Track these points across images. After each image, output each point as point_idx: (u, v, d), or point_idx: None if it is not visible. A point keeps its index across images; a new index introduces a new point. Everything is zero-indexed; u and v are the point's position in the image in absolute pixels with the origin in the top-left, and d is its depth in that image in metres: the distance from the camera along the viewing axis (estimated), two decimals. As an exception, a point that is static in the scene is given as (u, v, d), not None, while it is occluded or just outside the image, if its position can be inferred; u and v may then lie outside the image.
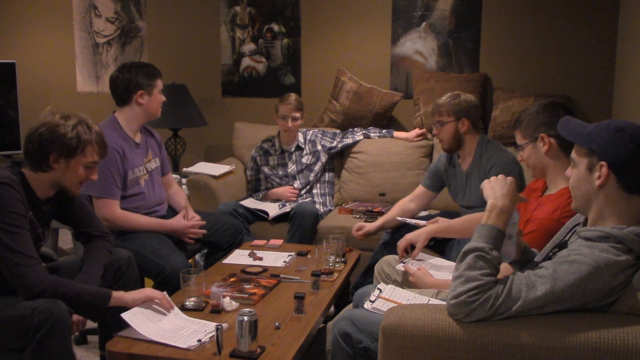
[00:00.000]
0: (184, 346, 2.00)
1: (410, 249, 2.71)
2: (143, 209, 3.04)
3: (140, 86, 2.99)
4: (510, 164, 2.91)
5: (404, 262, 2.61)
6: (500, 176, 1.77)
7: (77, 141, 2.19)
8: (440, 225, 2.85)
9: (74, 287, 2.11)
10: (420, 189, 3.31)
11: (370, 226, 3.19)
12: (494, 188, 1.74)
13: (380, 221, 3.23)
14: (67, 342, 2.00)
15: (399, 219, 3.13)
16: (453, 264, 2.61)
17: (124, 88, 2.99)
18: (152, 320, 2.13)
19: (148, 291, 2.23)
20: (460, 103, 3.03)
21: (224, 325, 2.08)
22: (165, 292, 2.25)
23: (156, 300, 2.20)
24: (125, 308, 2.15)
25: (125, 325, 2.09)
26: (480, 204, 3.03)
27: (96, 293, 2.15)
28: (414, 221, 3.05)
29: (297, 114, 3.95)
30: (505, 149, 3.06)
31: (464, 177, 3.09)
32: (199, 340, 2.03)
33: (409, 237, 2.70)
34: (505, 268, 1.79)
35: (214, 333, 2.05)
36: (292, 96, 3.99)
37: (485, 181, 1.79)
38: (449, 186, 3.24)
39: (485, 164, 2.97)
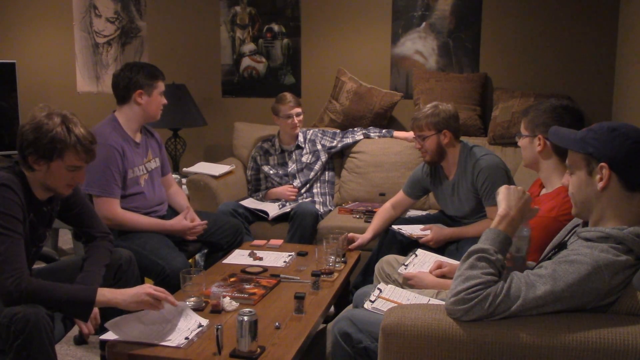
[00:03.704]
0: (174, 344, 2.01)
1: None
2: (143, 209, 3.04)
3: (140, 85, 2.99)
4: (497, 167, 2.93)
5: (406, 266, 2.60)
6: (520, 188, 1.79)
7: (52, 145, 2.09)
8: (454, 230, 3.00)
9: (56, 291, 2.06)
10: (400, 195, 3.32)
11: (363, 239, 3.18)
12: (510, 196, 1.76)
13: (370, 233, 3.22)
14: (46, 349, 1.95)
15: (395, 227, 3.12)
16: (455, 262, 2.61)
17: (124, 86, 3.00)
18: (138, 318, 2.09)
19: (148, 289, 2.12)
20: (440, 114, 3.00)
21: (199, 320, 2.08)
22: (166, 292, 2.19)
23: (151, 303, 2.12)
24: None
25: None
26: (470, 214, 3.05)
27: (80, 295, 2.09)
28: (408, 232, 3.06)
29: (299, 109, 3.97)
30: (489, 152, 3.04)
31: (450, 188, 3.09)
32: (187, 338, 2.03)
33: (439, 262, 2.54)
34: None
35: (198, 329, 2.07)
36: (288, 95, 4.00)
37: (504, 187, 1.80)
38: (435, 196, 3.26)
39: (472, 171, 2.97)
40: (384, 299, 2.15)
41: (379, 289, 2.23)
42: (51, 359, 1.99)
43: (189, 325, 2.12)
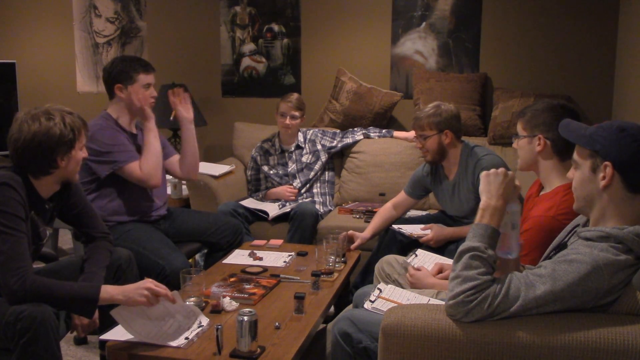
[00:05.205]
0: (174, 344, 2.01)
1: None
2: (144, 205, 3.04)
3: (117, 80, 2.97)
4: (498, 167, 2.91)
5: (408, 263, 2.60)
6: (500, 170, 1.74)
7: (72, 132, 2.20)
8: (454, 230, 2.99)
9: (61, 289, 2.06)
10: (402, 195, 3.31)
11: (362, 238, 3.16)
12: (490, 184, 1.72)
13: (369, 232, 3.20)
14: (52, 347, 1.96)
15: (395, 227, 3.12)
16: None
17: (105, 80, 3.02)
18: (142, 310, 2.09)
19: (148, 283, 2.12)
20: (442, 114, 2.99)
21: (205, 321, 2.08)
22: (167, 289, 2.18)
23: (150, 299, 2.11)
24: None
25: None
26: (470, 214, 3.05)
27: (84, 292, 2.10)
28: (408, 232, 3.06)
29: (296, 113, 3.95)
30: (491, 152, 3.04)
31: (450, 188, 3.09)
32: (187, 338, 2.03)
33: (440, 265, 2.53)
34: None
35: (198, 329, 2.07)
36: (294, 95, 4.01)
37: (484, 173, 1.76)
38: (436, 196, 3.26)
39: (473, 170, 2.96)
40: (384, 299, 2.15)
41: (379, 289, 2.23)
42: (56, 357, 1.99)
43: (189, 325, 2.12)
